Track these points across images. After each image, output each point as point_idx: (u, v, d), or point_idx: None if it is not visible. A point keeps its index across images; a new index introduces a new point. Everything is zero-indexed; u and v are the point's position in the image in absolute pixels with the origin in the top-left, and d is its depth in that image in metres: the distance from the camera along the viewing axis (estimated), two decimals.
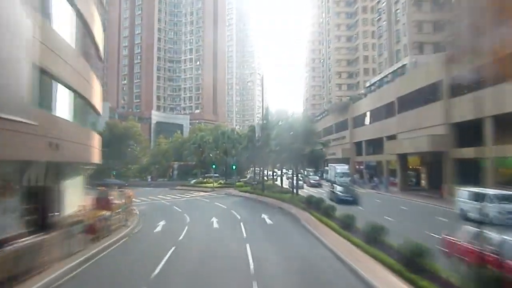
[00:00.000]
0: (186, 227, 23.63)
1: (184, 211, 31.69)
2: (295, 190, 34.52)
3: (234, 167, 50.23)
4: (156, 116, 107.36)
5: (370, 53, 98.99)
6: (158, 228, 23.89)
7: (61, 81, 20.58)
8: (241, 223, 24.32)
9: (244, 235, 20.77)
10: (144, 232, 23.00)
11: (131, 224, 25.04)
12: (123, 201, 30.87)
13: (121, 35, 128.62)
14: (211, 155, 56.74)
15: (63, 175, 23.08)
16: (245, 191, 45.26)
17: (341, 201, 31.14)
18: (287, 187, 44.49)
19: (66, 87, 21.39)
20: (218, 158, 58.16)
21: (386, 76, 61.87)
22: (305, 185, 51.64)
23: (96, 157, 31.59)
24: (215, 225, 24.53)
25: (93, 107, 30.65)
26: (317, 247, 17.13)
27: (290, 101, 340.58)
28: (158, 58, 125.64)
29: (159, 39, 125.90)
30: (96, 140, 31.78)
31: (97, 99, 31.72)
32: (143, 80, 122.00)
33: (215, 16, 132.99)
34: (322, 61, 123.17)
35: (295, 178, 36.30)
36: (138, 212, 30.97)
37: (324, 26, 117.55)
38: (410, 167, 52.25)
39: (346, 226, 18.55)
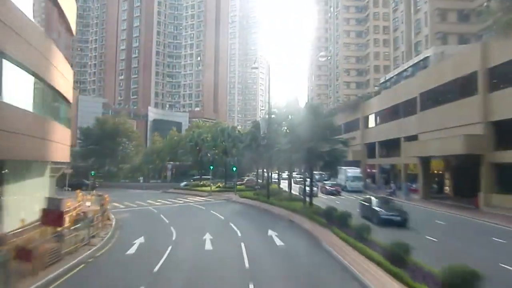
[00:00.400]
0: (169, 248, 17.76)
1: (172, 223, 25.81)
2: (308, 198, 28.56)
3: (234, 168, 44.32)
4: (153, 113, 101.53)
5: (381, 50, 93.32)
6: (132, 249, 17.99)
7: (7, 57, 15.41)
8: (242, 244, 18.40)
9: (247, 264, 14.85)
10: (112, 255, 17.11)
11: (99, 241, 19.21)
12: (93, 208, 25.11)
13: (119, 28, 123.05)
14: (209, 154, 50.70)
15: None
16: (247, 197, 39.30)
17: (384, 222, 22.59)
18: (296, 193, 38.63)
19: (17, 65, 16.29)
20: (217, 158, 52.09)
21: (405, 71, 55.93)
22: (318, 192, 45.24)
23: (62, 154, 25.71)
24: (208, 245, 18.62)
25: (60, 94, 24.79)
26: None
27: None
28: (157, 53, 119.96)
29: (158, 33, 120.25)
30: (63, 135, 25.84)
31: (65, 85, 25.83)
32: (140, 75, 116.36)
33: (217, 11, 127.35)
34: (329, 58, 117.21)
35: (308, 182, 30.41)
36: (114, 223, 25.14)
37: (332, 21, 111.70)
38: (432, 172, 46.31)
39: (396, 259, 12.60)
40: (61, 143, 24.51)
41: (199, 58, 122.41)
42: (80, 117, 75.83)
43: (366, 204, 25.95)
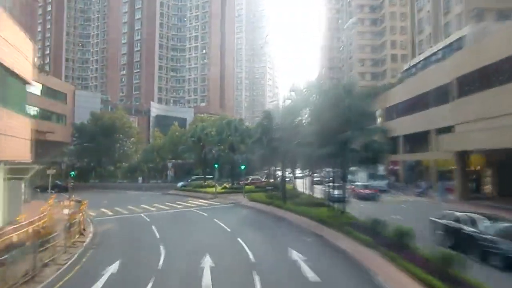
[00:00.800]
0: (150, 285, 12.02)
1: (163, 237, 20.07)
2: (337, 204, 22.60)
3: (243, 167, 38.40)
4: (155, 108, 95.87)
5: (398, 38, 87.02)
6: (98, 285, 12.29)
7: None
8: (256, 278, 12.56)
9: None
10: None
11: (53, 272, 13.55)
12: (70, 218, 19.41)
13: (121, 21, 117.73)
14: (213, 151, 44.68)
15: None
16: (258, 200, 33.29)
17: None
18: (315, 195, 32.70)
19: None
20: (223, 155, 46.04)
21: (434, 54, 49.59)
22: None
23: (17, 151, 19.96)
24: (206, 278, 12.79)
25: (10, 72, 19.03)
26: None
27: None
28: (160, 46, 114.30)
29: (161, 25, 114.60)
30: (18, 126, 20.07)
31: (20, 60, 20.05)
32: (143, 69, 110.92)
33: (223, 1, 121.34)
34: (341, 48, 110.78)
35: (334, 184, 24.57)
36: (89, 239, 19.46)
37: (344, 8, 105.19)
38: (469, 168, 40.10)
39: None
40: (16, 137, 18.77)
41: (204, 51, 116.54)
42: (77, 114, 70.73)
43: (457, 226, 15.52)
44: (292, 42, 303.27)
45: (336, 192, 24.73)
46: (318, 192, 35.68)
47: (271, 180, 49.13)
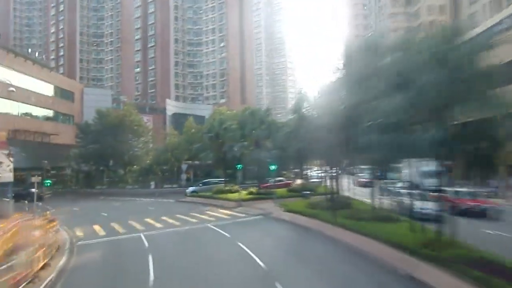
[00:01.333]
0: None
1: (160, 283, 12.61)
2: (423, 222, 14.59)
3: (273, 166, 30.26)
4: (171, 106, 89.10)
5: (437, 18, 77.45)
6: None
7: None
8: None
9: None
10: None
11: None
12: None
13: (133, 16, 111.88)
14: (235, 148, 36.59)
15: None
16: (296, 211, 25.10)
17: None
18: (368, 201, 24.65)
19: None
20: (246, 153, 37.85)
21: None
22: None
23: None
24: None
25: None
26: None
27: None
28: (176, 41, 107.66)
29: (176, 18, 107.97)
30: None
31: None
32: (158, 66, 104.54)
33: None
34: (369, 35, 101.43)
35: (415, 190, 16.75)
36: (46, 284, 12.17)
37: None
38: None
39: None
40: None
41: (222, 44, 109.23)
42: (87, 114, 64.49)
43: None
44: (313, 35, 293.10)
45: (428, 206, 16.88)
46: (363, 194, 27.54)
47: (299, 181, 41.23)
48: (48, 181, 27.23)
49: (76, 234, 22.34)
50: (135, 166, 54.06)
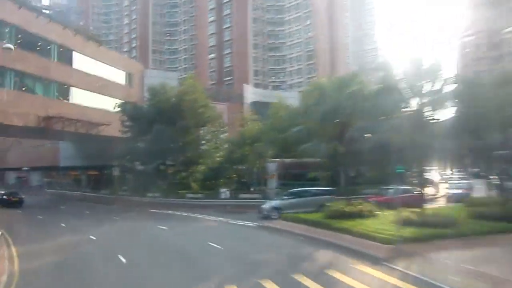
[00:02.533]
0: None
1: None
2: None
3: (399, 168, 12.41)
4: (251, 93, 73.84)
5: None
6: None
7: None
8: None
9: None
10: None
11: None
12: None
13: None
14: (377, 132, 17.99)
15: None
16: None
17: None
18: None
19: None
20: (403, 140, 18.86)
21: None
22: None
23: None
24: None
25: None
26: None
27: None
28: (254, 20, 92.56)
29: None
30: None
31: None
32: (234, 50, 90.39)
33: None
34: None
35: None
36: None
37: None
38: None
39: None
40: None
41: (308, 22, 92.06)
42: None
43: None
44: (407, 21, 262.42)
45: None
46: None
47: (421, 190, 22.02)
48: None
49: None
50: (200, 166, 38.16)
